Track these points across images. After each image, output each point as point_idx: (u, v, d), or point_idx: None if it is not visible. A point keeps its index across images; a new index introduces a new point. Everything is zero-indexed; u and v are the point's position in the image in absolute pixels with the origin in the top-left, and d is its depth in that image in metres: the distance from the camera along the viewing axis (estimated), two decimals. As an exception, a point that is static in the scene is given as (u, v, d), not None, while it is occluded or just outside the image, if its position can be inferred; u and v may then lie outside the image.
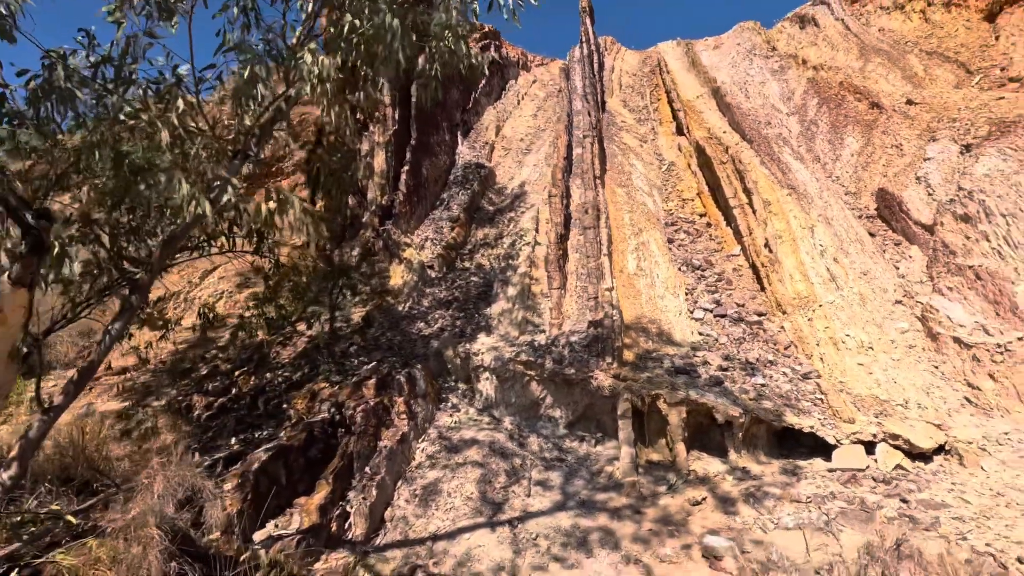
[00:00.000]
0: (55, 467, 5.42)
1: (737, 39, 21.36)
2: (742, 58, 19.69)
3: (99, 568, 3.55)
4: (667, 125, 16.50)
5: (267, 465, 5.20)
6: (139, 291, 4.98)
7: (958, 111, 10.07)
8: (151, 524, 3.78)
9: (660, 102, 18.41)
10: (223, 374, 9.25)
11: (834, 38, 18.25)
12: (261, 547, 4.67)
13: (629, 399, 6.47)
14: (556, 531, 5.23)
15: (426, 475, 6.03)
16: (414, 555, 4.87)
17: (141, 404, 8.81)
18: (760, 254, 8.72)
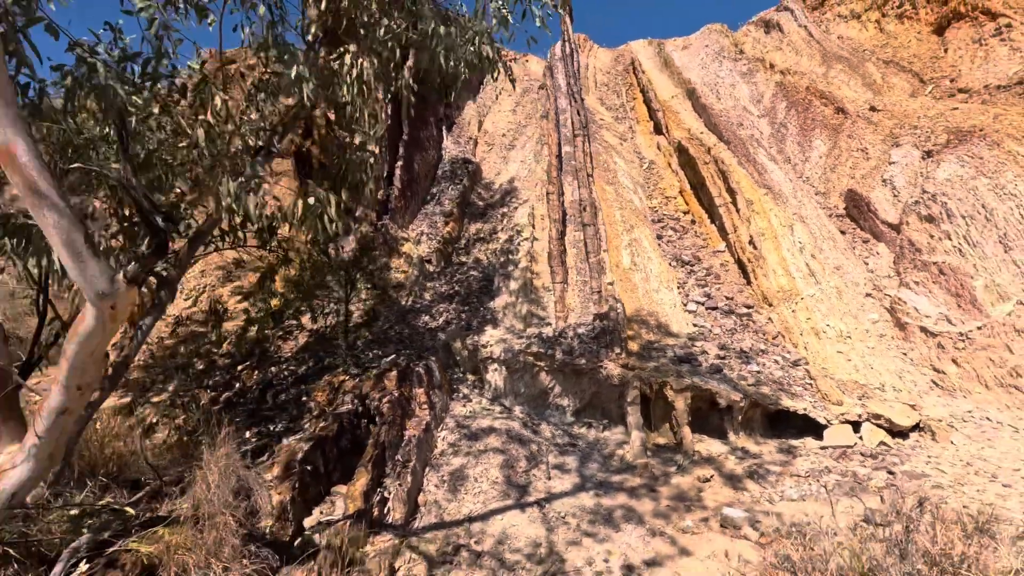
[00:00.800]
0: (85, 463, 5.41)
1: (705, 40, 22.01)
2: (711, 59, 20.36)
3: (177, 553, 3.70)
4: (644, 124, 17.06)
5: (308, 455, 5.37)
6: (168, 287, 5.04)
7: (918, 119, 10.96)
8: (221, 511, 3.94)
9: (636, 101, 18.98)
10: (222, 369, 9.20)
11: (798, 44, 19.15)
12: (313, 532, 4.86)
13: (638, 387, 6.92)
14: (582, 510, 5.62)
15: (451, 462, 6.30)
16: (453, 536, 5.16)
17: (140, 400, 8.68)
18: (745, 250, 9.34)
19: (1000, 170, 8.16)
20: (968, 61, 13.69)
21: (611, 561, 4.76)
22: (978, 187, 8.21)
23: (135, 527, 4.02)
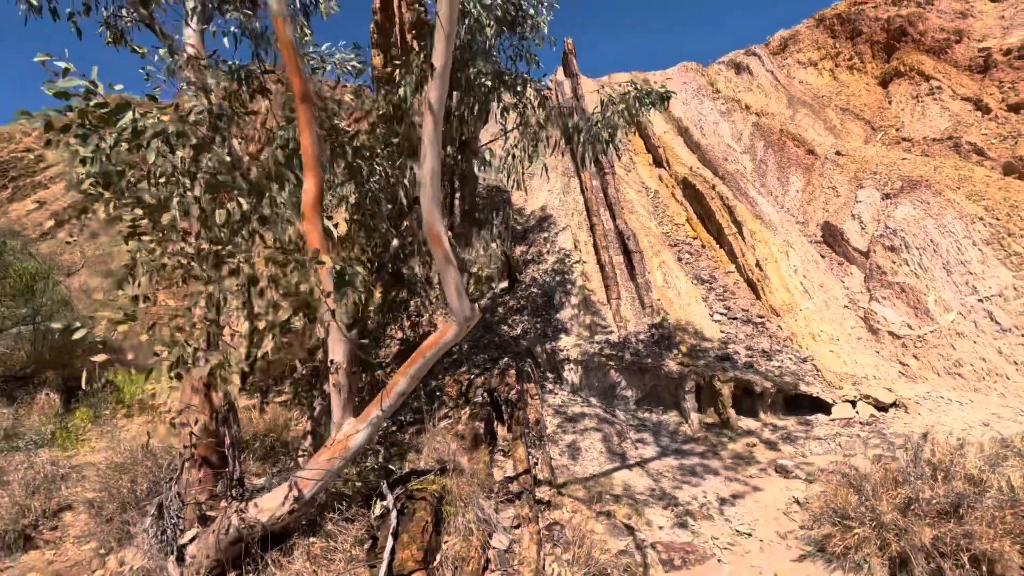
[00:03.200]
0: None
1: (683, 78, 24.61)
2: (691, 96, 23.00)
3: (460, 487, 5.56)
4: (643, 156, 19.47)
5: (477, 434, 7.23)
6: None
7: (876, 166, 13.76)
8: (477, 465, 5.82)
9: (632, 133, 21.42)
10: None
11: (766, 87, 22.08)
12: (507, 482, 6.72)
13: (694, 379, 9.08)
14: (670, 468, 7.70)
15: (564, 438, 8.26)
16: (591, 485, 7.12)
17: (265, 400, 10.13)
18: (753, 272, 11.73)
19: (942, 213, 10.88)
20: (908, 114, 16.80)
21: (708, 497, 6.85)
22: (927, 226, 10.90)
23: (413, 475, 5.82)
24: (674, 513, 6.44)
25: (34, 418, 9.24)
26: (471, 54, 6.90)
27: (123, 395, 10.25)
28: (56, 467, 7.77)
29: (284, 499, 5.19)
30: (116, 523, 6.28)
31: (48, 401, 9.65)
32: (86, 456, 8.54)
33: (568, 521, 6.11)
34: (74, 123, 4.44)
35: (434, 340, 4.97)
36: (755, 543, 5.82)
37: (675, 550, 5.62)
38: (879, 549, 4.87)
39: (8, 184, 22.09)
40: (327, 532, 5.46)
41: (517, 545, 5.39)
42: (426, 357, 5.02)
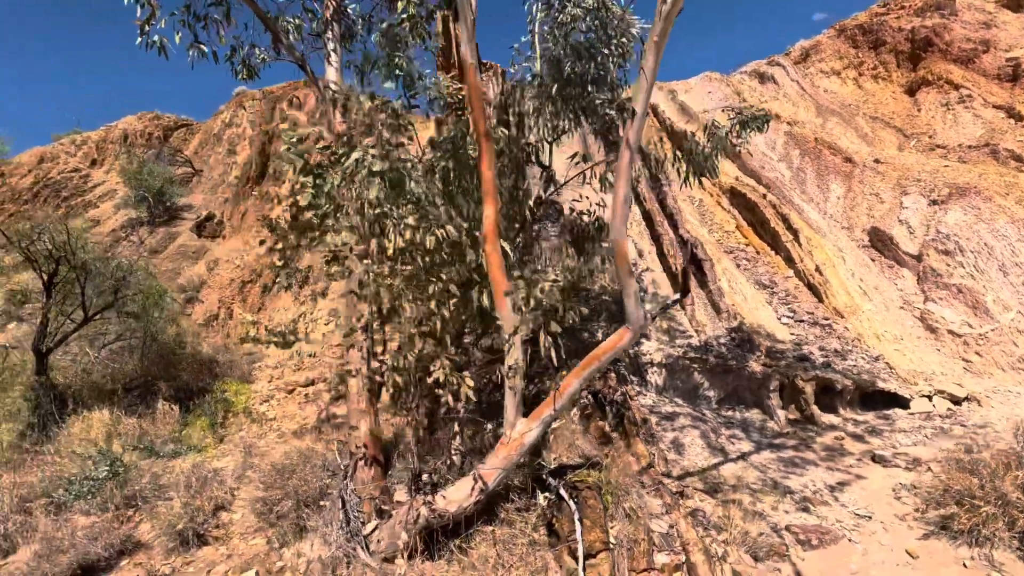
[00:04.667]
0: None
1: (706, 87, 25.30)
2: (718, 106, 23.67)
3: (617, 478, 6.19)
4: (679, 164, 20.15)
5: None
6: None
7: (919, 173, 14.46)
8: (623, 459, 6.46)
9: (664, 142, 22.13)
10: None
11: (793, 97, 22.81)
12: (639, 475, 7.34)
13: (778, 379, 9.74)
14: (771, 460, 8.33)
15: (666, 436, 8.89)
16: (708, 477, 7.75)
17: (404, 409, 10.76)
18: (814, 276, 12.40)
19: (994, 218, 11.58)
20: (940, 121, 17.52)
21: (817, 485, 7.49)
22: (980, 230, 11.60)
23: (568, 469, 6.46)
24: (792, 500, 7.07)
25: (160, 427, 9.87)
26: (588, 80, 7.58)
27: (232, 405, 10.88)
28: (201, 471, 8.39)
29: (471, 491, 5.82)
30: (290, 519, 6.91)
31: (168, 411, 10.28)
32: (216, 461, 9.17)
33: (705, 508, 6.75)
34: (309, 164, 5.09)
35: (610, 345, 5.62)
36: (876, 524, 6.45)
37: (810, 532, 6.25)
38: (1006, 526, 5.51)
39: (61, 204, 22.78)
40: (502, 520, 6.10)
41: (674, 529, 6.02)
42: (600, 361, 5.68)
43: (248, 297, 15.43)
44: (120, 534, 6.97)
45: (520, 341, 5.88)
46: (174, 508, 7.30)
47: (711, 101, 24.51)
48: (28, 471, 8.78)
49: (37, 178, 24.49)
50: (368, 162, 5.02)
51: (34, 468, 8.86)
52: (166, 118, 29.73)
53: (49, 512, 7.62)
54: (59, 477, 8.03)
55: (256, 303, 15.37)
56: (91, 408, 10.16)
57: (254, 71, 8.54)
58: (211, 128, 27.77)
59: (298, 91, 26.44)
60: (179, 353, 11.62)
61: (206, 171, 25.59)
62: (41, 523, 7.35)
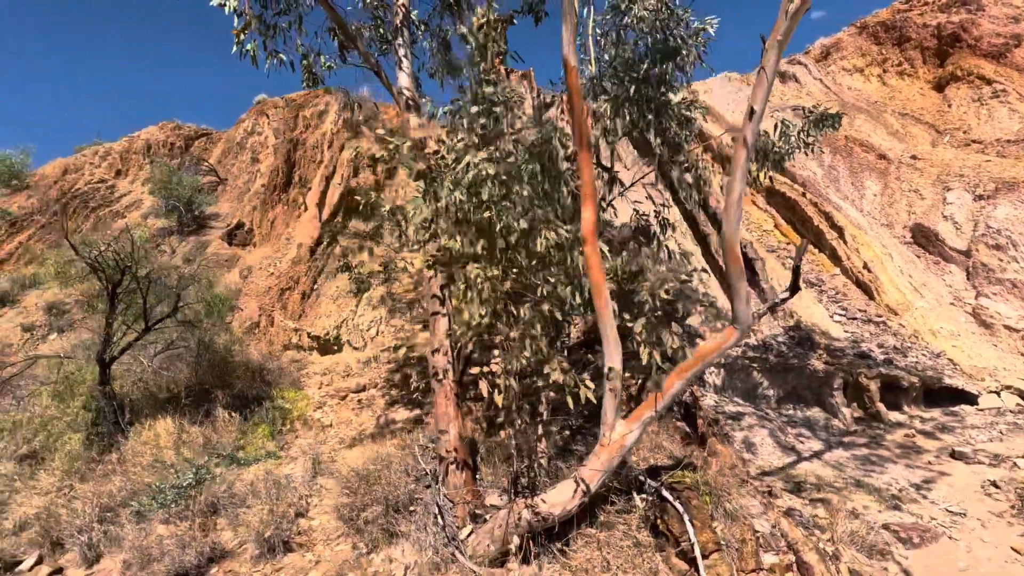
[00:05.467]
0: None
1: (726, 88, 25.37)
2: (741, 106, 23.72)
3: (715, 478, 6.17)
4: (711, 164, 20.18)
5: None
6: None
7: (960, 168, 14.43)
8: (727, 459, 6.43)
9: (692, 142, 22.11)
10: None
11: (817, 95, 22.82)
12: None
13: (842, 377, 9.70)
14: (845, 458, 8.29)
15: (735, 435, 8.86)
16: (788, 476, 7.72)
17: (426, 412, 10.75)
18: (862, 274, 12.37)
19: (1046, 212, 11.54)
20: (974, 117, 17.48)
21: (900, 483, 7.45)
22: (1032, 224, 11.56)
23: (662, 470, 6.44)
24: (880, 498, 7.03)
25: (222, 435, 9.87)
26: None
27: (289, 412, 10.89)
28: (271, 478, 8.38)
29: (573, 493, 5.80)
30: (379, 524, 6.89)
31: (228, 419, 10.29)
32: (283, 468, 9.16)
33: (795, 507, 6.71)
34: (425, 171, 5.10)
35: (716, 345, 5.61)
36: (973, 522, 6.41)
37: (909, 530, 6.21)
38: (1118, 518, 5.46)
39: (90, 214, 22.90)
40: (602, 522, 6.08)
41: (776, 528, 5.99)
42: (705, 360, 5.66)
43: (288, 304, 15.46)
44: (207, 542, 6.97)
45: (619, 342, 5.87)
46: (260, 514, 7.29)
47: (734, 102, 24.57)
48: (99, 480, 8.81)
49: (63, 189, 24.64)
50: (479, 166, 5.02)
51: (106, 477, 8.89)
52: (186, 128, 29.93)
53: (130, 521, 7.63)
54: (138, 486, 8.05)
55: (296, 310, 15.39)
56: (149, 417, 10.19)
57: (319, 78, 8.59)
58: (233, 137, 27.91)
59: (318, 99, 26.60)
60: (231, 361, 11.65)
61: (230, 179, 25.71)
62: (128, 532, 7.36)
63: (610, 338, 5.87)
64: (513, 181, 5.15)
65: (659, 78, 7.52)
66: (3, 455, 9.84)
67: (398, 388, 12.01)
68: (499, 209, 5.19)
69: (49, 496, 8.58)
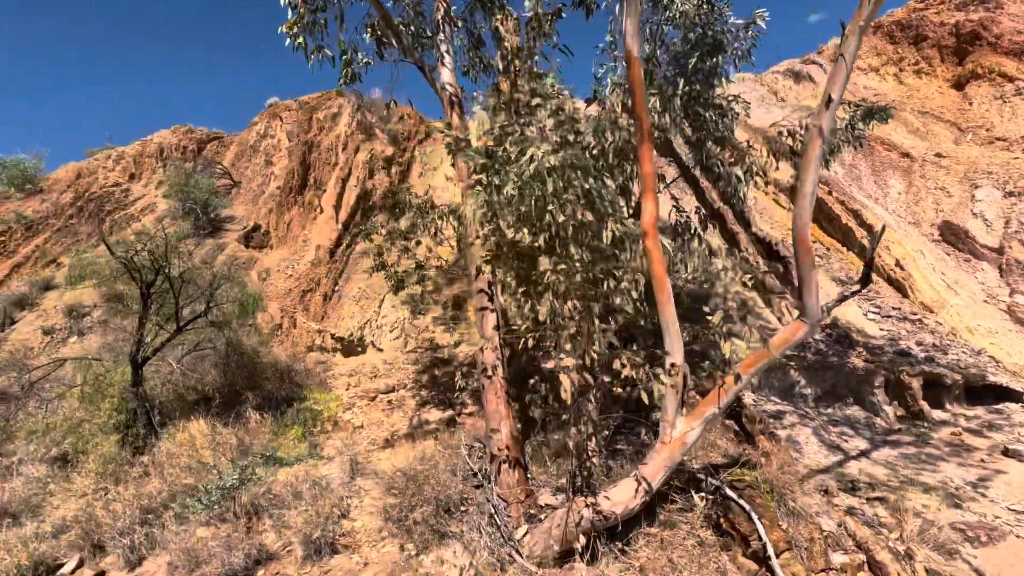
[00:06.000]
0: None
1: (739, 88, 25.25)
2: (757, 106, 23.55)
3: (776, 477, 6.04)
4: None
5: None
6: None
7: (988, 165, 14.31)
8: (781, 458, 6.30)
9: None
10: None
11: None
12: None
13: (883, 375, 9.57)
14: (894, 457, 8.15)
15: (779, 434, 8.72)
16: (836, 475, 7.58)
17: (459, 413, 10.64)
18: (895, 272, 12.24)
19: (1082, 208, 11.41)
20: (996, 114, 17.36)
21: (955, 481, 7.30)
22: (1068, 220, 11.43)
23: (719, 468, 6.31)
24: (938, 497, 6.90)
25: (254, 437, 9.77)
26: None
27: (320, 413, 10.79)
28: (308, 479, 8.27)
29: (635, 492, 5.68)
30: (428, 525, 6.77)
31: (259, 420, 10.19)
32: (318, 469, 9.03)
33: (854, 506, 6.58)
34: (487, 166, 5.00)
35: (783, 339, 5.50)
36: (1038, 519, 6.26)
37: (976, 528, 6.08)
38: None
39: (105, 218, 22.87)
40: (662, 521, 5.95)
41: (842, 527, 5.86)
42: (771, 356, 5.56)
43: (310, 306, 15.37)
44: (254, 544, 6.86)
45: (680, 337, 5.76)
46: (304, 516, 7.19)
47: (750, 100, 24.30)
48: (135, 483, 8.71)
49: (78, 193, 24.63)
50: (544, 159, 4.93)
51: (142, 479, 8.79)
52: (198, 131, 29.93)
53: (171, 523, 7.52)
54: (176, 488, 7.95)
55: (319, 312, 15.31)
56: (180, 418, 10.09)
57: (356, 76, 8.51)
58: (246, 140, 27.91)
59: (331, 101, 26.59)
60: (258, 362, 11.55)
61: (244, 182, 25.69)
62: (168, 534, 7.26)
63: (672, 333, 5.76)
64: (575, 174, 5.05)
65: (708, 72, 7.44)
66: (34, 457, 9.75)
67: (427, 389, 11.90)
68: (561, 202, 5.09)
69: (85, 499, 8.47)
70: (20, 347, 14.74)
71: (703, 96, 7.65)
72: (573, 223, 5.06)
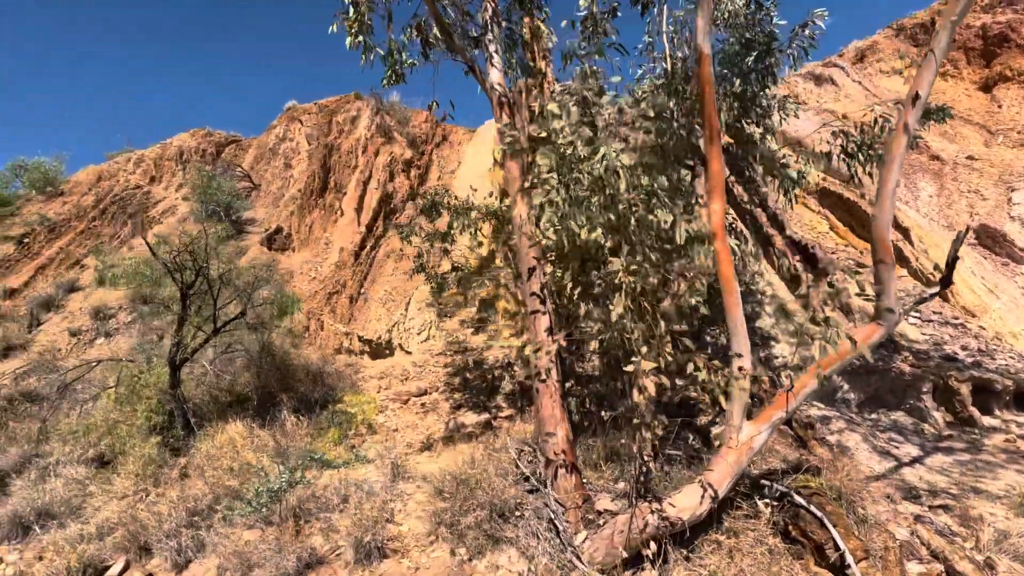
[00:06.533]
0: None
1: (759, 91, 24.97)
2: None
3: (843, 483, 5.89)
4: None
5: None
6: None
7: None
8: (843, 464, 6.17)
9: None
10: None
11: (856, 97, 22.50)
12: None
13: (932, 380, 9.39)
14: (949, 464, 7.97)
15: (828, 438, 8.56)
16: (892, 482, 7.41)
17: (494, 417, 10.54)
18: (935, 275, 12.05)
19: None
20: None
21: (1018, 489, 7.12)
22: (1113, 223, 11.22)
23: (783, 474, 6.18)
24: (1005, 505, 6.72)
25: (292, 440, 9.69)
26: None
27: (352, 416, 10.71)
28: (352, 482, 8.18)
29: (701, 498, 5.56)
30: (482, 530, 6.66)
31: (296, 422, 10.11)
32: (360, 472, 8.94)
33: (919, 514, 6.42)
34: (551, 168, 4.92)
35: (864, 338, 5.37)
36: (1113, 529, 6.08)
37: (1050, 537, 5.89)
38: None
39: (127, 220, 22.97)
40: (727, 528, 5.82)
41: (915, 536, 5.71)
42: (844, 359, 5.43)
43: (337, 308, 15.33)
44: (304, 547, 6.77)
45: (747, 339, 5.65)
46: (351, 519, 7.10)
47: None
48: (175, 485, 8.65)
49: (99, 195, 24.77)
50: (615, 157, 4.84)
51: (182, 481, 8.73)
52: (217, 134, 30.07)
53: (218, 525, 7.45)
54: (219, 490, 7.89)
55: (345, 314, 15.26)
56: (218, 420, 10.03)
57: (401, 76, 8.47)
58: (265, 143, 28.01)
59: (350, 104, 26.66)
60: (290, 364, 11.50)
61: (263, 185, 25.76)
62: (213, 537, 7.19)
63: (740, 334, 5.65)
64: (649, 172, 4.97)
65: (762, 73, 7.34)
66: (71, 459, 9.71)
67: (459, 392, 11.81)
68: (632, 201, 4.99)
69: (126, 500, 8.42)
70: (49, 348, 14.78)
71: (756, 97, 7.56)
72: (644, 223, 4.97)
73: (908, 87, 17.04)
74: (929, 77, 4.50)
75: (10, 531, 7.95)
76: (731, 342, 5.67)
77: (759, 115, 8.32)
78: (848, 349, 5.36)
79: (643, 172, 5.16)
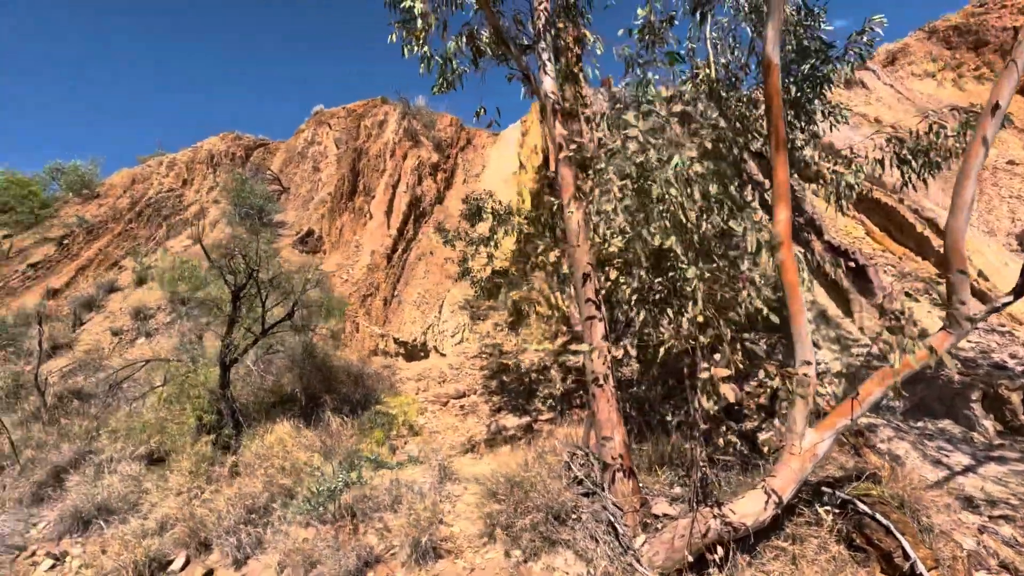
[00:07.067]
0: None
1: (787, 94, 24.80)
2: (806, 113, 23.15)
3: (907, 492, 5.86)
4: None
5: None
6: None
7: (1069, 173, 13.86)
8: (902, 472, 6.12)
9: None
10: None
11: (888, 100, 22.23)
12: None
13: (982, 388, 9.28)
14: (1005, 473, 7.86)
15: (878, 447, 8.50)
16: (951, 491, 7.35)
17: (535, 420, 10.62)
18: (979, 282, 11.90)
19: None
20: (1069, 121, 16.82)
21: (1078, 500, 7.01)
22: None
23: (845, 482, 6.17)
24: (1067, 516, 6.62)
25: (338, 441, 9.85)
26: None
27: (394, 418, 10.85)
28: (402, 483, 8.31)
29: (765, 504, 5.58)
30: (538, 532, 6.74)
31: (341, 423, 10.29)
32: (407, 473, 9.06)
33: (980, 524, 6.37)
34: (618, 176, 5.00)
35: (937, 346, 5.37)
36: None
37: (1120, 550, 5.81)
38: None
39: (162, 223, 23.47)
40: (789, 535, 5.84)
41: (981, 545, 5.67)
42: (913, 368, 5.43)
43: (372, 311, 15.53)
44: (362, 545, 6.91)
45: (811, 346, 5.67)
46: (406, 519, 7.23)
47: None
48: (229, 482, 8.84)
49: (134, 198, 25.35)
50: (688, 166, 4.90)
51: (235, 479, 8.92)
52: (246, 138, 30.59)
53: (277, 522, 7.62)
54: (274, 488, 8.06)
55: (380, 316, 15.46)
56: (265, 420, 10.24)
57: (451, 84, 8.60)
58: (294, 146, 28.45)
59: (377, 109, 26.98)
60: (332, 366, 11.68)
61: (292, 188, 26.15)
62: (277, 534, 7.36)
63: (805, 342, 5.67)
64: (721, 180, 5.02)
65: (820, 79, 7.36)
66: (123, 456, 9.97)
67: (497, 394, 11.91)
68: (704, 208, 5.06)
69: (181, 496, 8.63)
70: (93, 347, 15.17)
71: (811, 103, 7.57)
72: (716, 231, 5.02)
73: (941, 90, 16.68)
74: (1009, 87, 4.50)
75: (72, 525, 8.19)
76: (795, 349, 5.69)
77: (806, 121, 8.32)
78: (925, 355, 5.36)
79: (713, 180, 5.22)
